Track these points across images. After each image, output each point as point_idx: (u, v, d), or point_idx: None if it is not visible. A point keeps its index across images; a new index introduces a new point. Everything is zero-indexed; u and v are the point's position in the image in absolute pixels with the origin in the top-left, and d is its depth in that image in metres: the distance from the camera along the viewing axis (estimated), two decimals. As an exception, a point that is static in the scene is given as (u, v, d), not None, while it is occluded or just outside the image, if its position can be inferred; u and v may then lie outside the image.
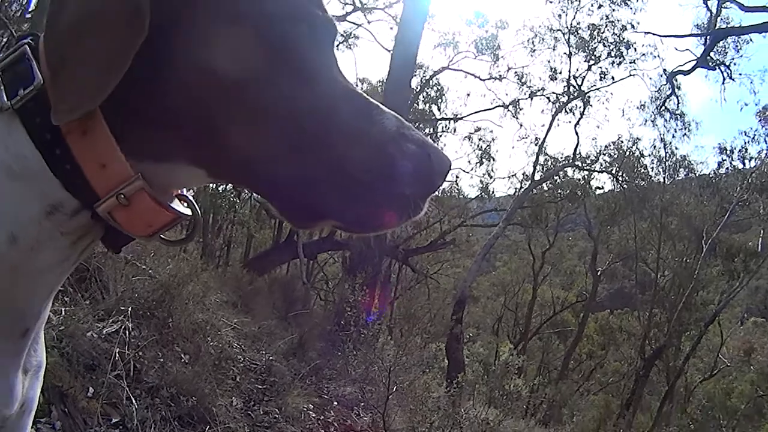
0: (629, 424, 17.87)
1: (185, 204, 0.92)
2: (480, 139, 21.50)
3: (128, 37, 0.74)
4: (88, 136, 0.77)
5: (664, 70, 20.26)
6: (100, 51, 0.74)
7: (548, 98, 20.05)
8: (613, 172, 22.21)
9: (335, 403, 7.04)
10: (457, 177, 22.31)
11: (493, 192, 22.83)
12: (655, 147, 23.10)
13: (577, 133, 20.18)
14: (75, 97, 0.73)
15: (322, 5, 0.87)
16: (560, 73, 19.82)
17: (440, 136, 21.46)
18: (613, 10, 18.95)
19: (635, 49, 19.34)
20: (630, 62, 19.44)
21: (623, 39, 19.13)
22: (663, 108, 21.10)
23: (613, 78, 19.65)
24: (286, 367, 6.89)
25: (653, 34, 19.73)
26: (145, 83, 0.78)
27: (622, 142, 22.92)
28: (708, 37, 19.16)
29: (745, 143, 22.38)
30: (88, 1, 0.76)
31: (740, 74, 20.03)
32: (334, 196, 0.81)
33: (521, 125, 21.33)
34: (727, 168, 22.93)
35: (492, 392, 12.71)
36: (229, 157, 0.81)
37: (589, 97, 19.95)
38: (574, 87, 19.75)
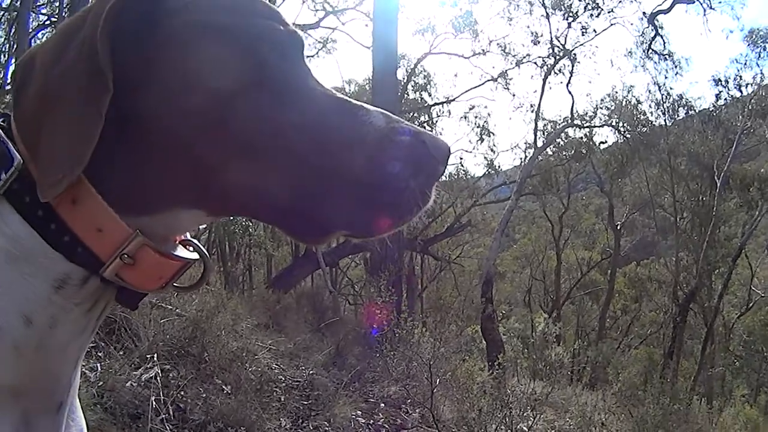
0: (675, 372, 17.72)
1: (191, 248, 0.91)
2: (476, 117, 21.56)
3: (95, 99, 0.73)
4: (79, 203, 0.76)
5: (644, 12, 20.08)
6: (70, 119, 0.74)
7: (535, 63, 19.98)
8: (614, 123, 22.14)
9: (382, 404, 7.03)
10: (461, 158, 22.35)
11: (499, 166, 22.89)
12: (650, 91, 22.92)
13: (570, 93, 20.11)
14: (57, 169, 0.73)
15: (283, 19, 0.86)
16: (542, 36, 19.76)
17: (436, 121, 21.51)
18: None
19: (610, -2, 19.17)
20: (608, 12, 19.31)
21: (597, -11, 18.99)
22: (650, 51, 20.93)
23: (594, 31, 19.59)
24: (328, 378, 6.89)
25: (625, -22, 19.51)
26: (123, 136, 0.78)
27: (616, 92, 22.89)
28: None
29: (738, 71, 22.25)
30: (49, 72, 0.76)
31: (719, 2, 19.89)
32: (337, 207, 0.80)
33: (514, 95, 21.20)
34: (726, 99, 22.74)
35: (535, 365, 12.67)
36: (223, 189, 0.81)
37: (575, 54, 19.86)
38: (559, 47, 19.65)
